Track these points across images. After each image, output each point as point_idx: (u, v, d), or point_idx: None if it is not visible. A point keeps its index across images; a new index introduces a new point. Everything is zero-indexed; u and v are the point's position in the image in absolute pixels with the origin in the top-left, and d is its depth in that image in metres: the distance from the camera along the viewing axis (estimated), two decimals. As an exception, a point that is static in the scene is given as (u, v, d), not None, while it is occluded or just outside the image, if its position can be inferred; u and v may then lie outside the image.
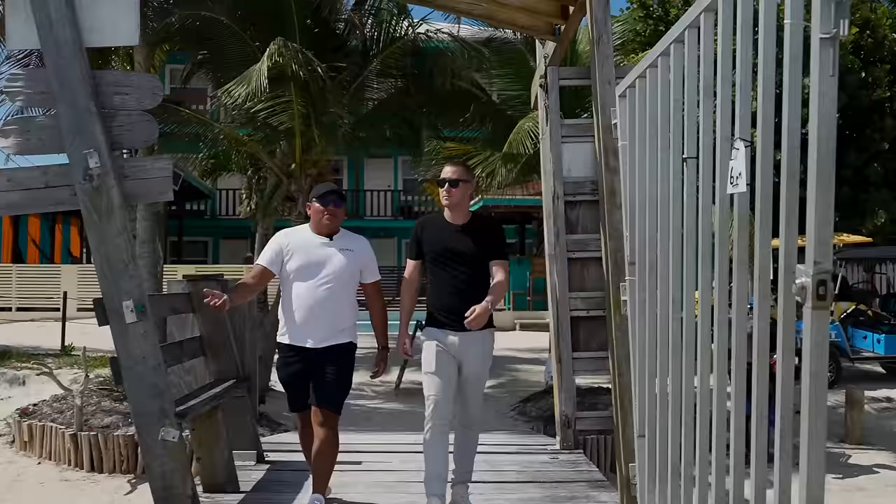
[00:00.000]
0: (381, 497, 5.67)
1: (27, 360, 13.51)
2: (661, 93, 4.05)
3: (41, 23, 4.81)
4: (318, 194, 5.38)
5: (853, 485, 9.23)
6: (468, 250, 5.27)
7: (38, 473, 9.22)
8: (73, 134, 4.78)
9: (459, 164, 5.61)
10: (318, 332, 5.20)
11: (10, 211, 5.00)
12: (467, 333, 5.15)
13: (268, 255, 5.39)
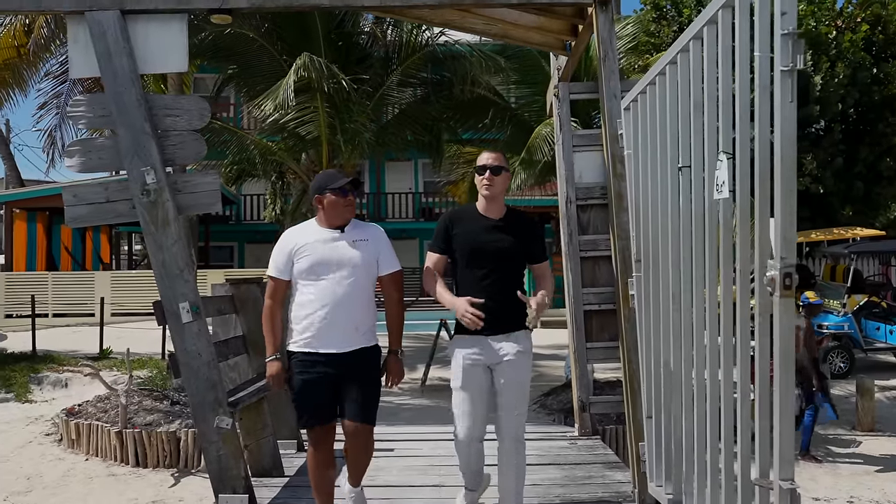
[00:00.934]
0: (413, 479, 6.13)
1: (69, 364, 14.05)
2: (659, 108, 4.52)
3: (101, 53, 5.34)
4: (330, 184, 4.75)
5: (863, 469, 9.57)
6: (505, 248, 4.73)
7: (87, 469, 9.66)
8: (131, 153, 5.30)
9: (499, 152, 4.95)
10: (340, 336, 4.62)
11: (76, 223, 5.48)
12: (500, 337, 4.66)
13: (279, 262, 4.77)
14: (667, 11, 21.18)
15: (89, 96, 5.63)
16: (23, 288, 21.13)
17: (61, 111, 12.83)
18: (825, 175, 18.36)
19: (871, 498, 8.71)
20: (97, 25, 5.33)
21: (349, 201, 4.76)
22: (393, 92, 12.40)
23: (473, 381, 4.69)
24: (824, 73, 18.03)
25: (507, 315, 4.68)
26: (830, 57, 18.45)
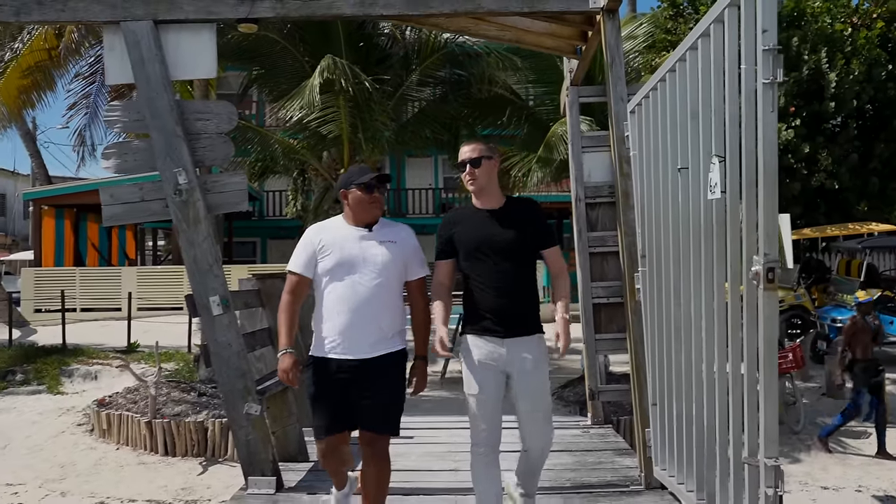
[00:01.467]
0: (432, 463, 6.44)
1: (98, 357, 14.44)
2: (660, 112, 4.79)
3: (135, 61, 5.66)
4: (357, 179, 4.54)
5: (872, 459, 9.82)
6: (508, 238, 4.45)
7: (118, 458, 10.05)
8: (164, 155, 5.63)
9: (476, 141, 4.67)
10: (366, 340, 4.38)
11: (113, 222, 5.81)
12: (514, 340, 4.41)
13: (302, 258, 4.55)
14: (683, 9, 21.27)
15: (124, 102, 5.97)
16: (51, 283, 21.59)
17: (90, 111, 13.18)
18: (840, 171, 18.44)
19: (878, 487, 8.93)
20: (132, 35, 5.65)
21: (375, 198, 4.52)
22: (412, 91, 12.67)
23: (486, 384, 4.42)
24: (839, 70, 18.12)
25: (519, 314, 4.46)
26: (846, 54, 18.52)
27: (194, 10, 5.69)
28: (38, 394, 13.06)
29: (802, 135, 18.19)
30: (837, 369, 10.80)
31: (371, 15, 5.75)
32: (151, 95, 5.63)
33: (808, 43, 18.43)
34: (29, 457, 10.18)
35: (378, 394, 4.39)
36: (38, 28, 10.29)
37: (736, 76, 3.54)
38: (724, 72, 3.63)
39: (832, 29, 18.75)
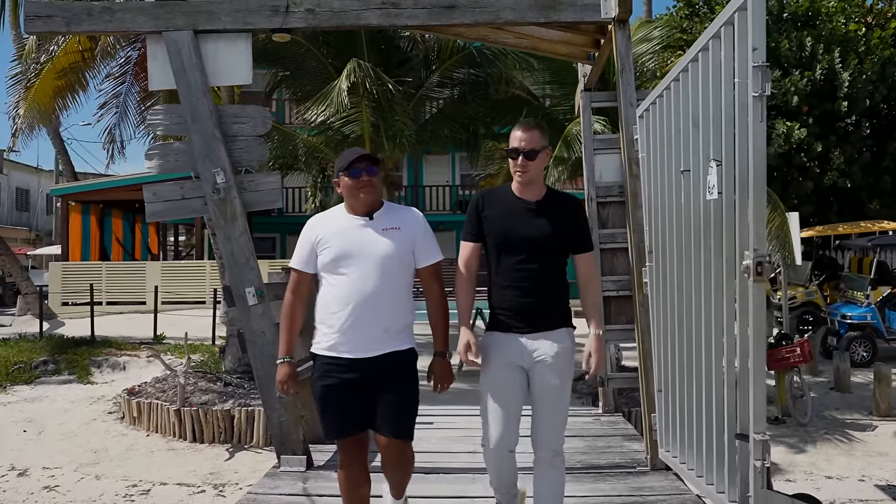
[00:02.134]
0: (451, 447, 6.85)
1: (126, 348, 14.90)
2: (666, 118, 5.15)
3: (177, 69, 6.07)
4: (344, 164, 4.20)
5: (875, 450, 10.07)
6: (544, 235, 4.16)
7: (148, 444, 10.43)
8: (204, 156, 6.04)
9: (534, 127, 4.25)
10: (367, 338, 4.08)
11: (155, 218, 6.20)
12: (538, 336, 4.14)
13: (301, 253, 4.30)
14: (699, 8, 21.58)
15: (166, 106, 6.37)
16: (78, 277, 22.11)
17: (120, 110, 13.59)
18: (853, 169, 18.71)
19: (881, 477, 9.22)
20: (173, 44, 6.06)
21: (364, 182, 4.15)
22: (432, 92, 13.04)
23: (505, 383, 4.16)
24: (853, 69, 18.39)
25: (546, 311, 4.19)
26: (859, 54, 18.78)
27: (231, 21, 6.09)
28: (69, 383, 13.50)
29: (815, 133, 18.49)
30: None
31: (396, 25, 6.14)
32: (192, 101, 6.04)
33: (821, 43, 18.71)
34: (63, 442, 10.58)
35: (385, 398, 4.11)
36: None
37: (731, 88, 3.89)
38: (721, 84, 3.99)
39: (846, 28, 19.01)
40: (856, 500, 8.67)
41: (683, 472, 5.22)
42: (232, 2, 6.08)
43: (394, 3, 5.98)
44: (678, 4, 21.89)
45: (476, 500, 5.43)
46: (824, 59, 18.50)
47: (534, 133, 4.20)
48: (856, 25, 19.20)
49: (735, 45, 3.76)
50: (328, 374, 4.14)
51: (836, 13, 19.54)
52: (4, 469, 9.62)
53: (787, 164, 18.95)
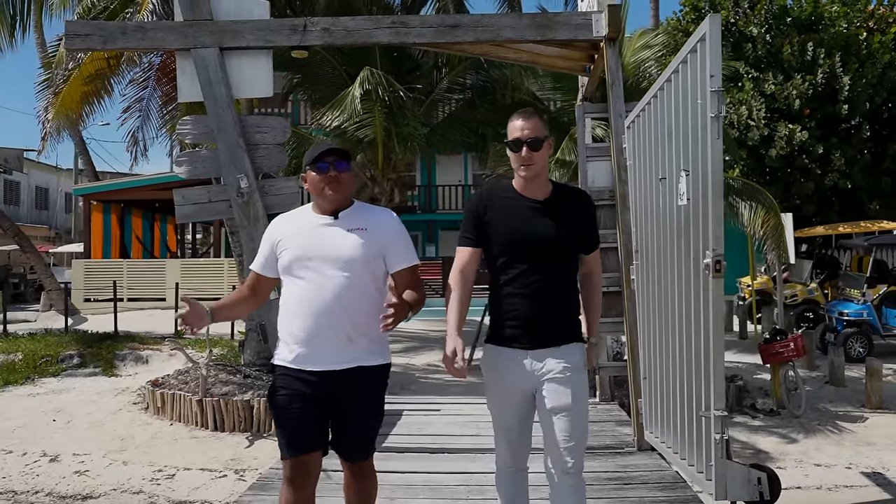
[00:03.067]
0: (455, 430, 7.40)
1: (148, 343, 15.50)
2: (647, 130, 5.69)
3: (204, 83, 6.64)
4: (311, 158, 3.79)
5: (864, 440, 10.49)
6: (552, 237, 3.73)
7: (172, 432, 10.91)
8: (229, 163, 6.61)
9: (534, 115, 3.86)
10: (329, 349, 3.70)
11: (185, 219, 6.77)
12: (544, 353, 3.72)
13: (262, 253, 3.98)
14: (705, 12, 22.02)
15: (194, 117, 6.94)
16: (100, 274, 22.77)
17: (143, 114, 14.17)
18: (853, 171, 19.18)
19: (867, 465, 9.67)
20: (200, 60, 6.64)
21: (331, 178, 3.74)
22: (442, 97, 13.57)
23: (511, 401, 3.79)
24: (853, 73, 18.84)
25: (553, 323, 3.76)
26: (860, 58, 19.23)
27: (254, 39, 6.66)
28: (94, 376, 14.04)
29: (817, 136, 18.97)
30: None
31: (405, 43, 6.71)
32: (218, 112, 6.62)
33: (823, 47, 19.16)
34: (91, 431, 11.11)
35: (355, 423, 3.80)
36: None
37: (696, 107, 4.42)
38: (689, 103, 4.53)
39: (848, 33, 19.46)
40: (841, 486, 9.14)
41: (664, 450, 5.76)
42: (255, 21, 6.65)
43: (403, 22, 6.54)
44: (684, 9, 22.36)
45: (476, 476, 5.99)
46: (825, 63, 18.96)
47: (535, 121, 3.78)
48: (857, 30, 19.64)
49: (698, 71, 4.29)
50: (285, 386, 3.76)
51: (838, 18, 19.98)
52: (37, 455, 10.15)
53: (789, 166, 19.46)
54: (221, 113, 6.60)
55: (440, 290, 22.88)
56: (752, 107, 19.42)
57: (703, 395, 4.46)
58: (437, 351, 16.23)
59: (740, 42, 20.71)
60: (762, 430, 10.72)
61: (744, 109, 19.50)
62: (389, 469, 5.98)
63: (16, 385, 13.52)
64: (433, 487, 5.73)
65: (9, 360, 14.45)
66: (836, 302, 16.44)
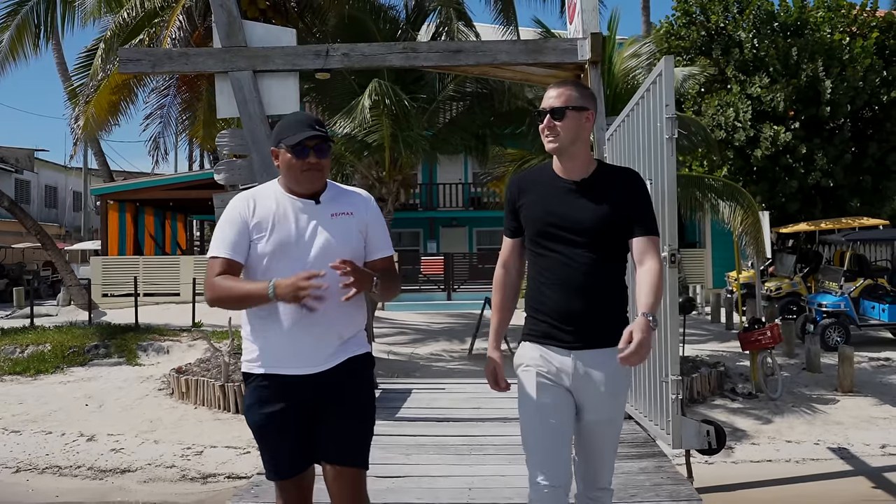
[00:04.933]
0: (459, 403, 8.43)
1: (168, 335, 16.49)
2: (622, 144, 6.68)
3: (240, 101, 7.62)
4: (290, 139, 3.32)
5: (833, 420, 11.39)
6: (592, 220, 3.33)
7: (196, 415, 11.86)
8: (262, 171, 7.58)
9: (569, 85, 3.44)
10: (316, 350, 3.33)
11: (223, 220, 7.75)
12: (587, 354, 3.33)
13: (229, 237, 3.38)
14: (696, 16, 22.92)
15: (231, 130, 7.93)
16: (117, 270, 23.79)
17: (164, 120, 15.08)
18: (835, 170, 20.14)
19: (834, 441, 10.58)
20: (237, 81, 7.61)
21: (310, 165, 3.33)
22: (444, 105, 14.45)
23: (550, 406, 3.36)
24: (835, 77, 19.81)
25: (598, 319, 3.37)
26: (843, 62, 20.18)
27: (283, 63, 7.64)
28: (119, 365, 14.98)
29: (800, 136, 19.94)
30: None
31: (415, 66, 7.70)
32: (252, 127, 7.60)
33: (807, 52, 20.12)
34: (122, 414, 12.06)
35: (341, 417, 3.39)
36: (128, 51, 12.19)
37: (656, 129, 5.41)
38: (652, 125, 5.52)
39: (831, 38, 20.41)
40: (808, 460, 10.08)
41: (638, 416, 6.75)
42: (283, 48, 7.63)
43: (413, 48, 7.54)
44: (676, 13, 23.25)
45: (477, 438, 7.02)
46: (809, 67, 19.91)
47: (567, 89, 3.38)
48: (840, 35, 20.58)
49: (658, 99, 5.28)
50: (265, 402, 3.34)
51: (823, 23, 20.91)
52: (75, 435, 11.13)
53: (774, 165, 20.42)
54: (255, 128, 7.57)
55: (441, 284, 23.94)
56: (738, 109, 20.37)
57: (663, 365, 5.44)
58: (440, 342, 17.13)
59: (729, 46, 21.63)
60: (740, 412, 11.58)
61: (731, 111, 20.45)
62: (404, 433, 7.02)
63: (46, 374, 14.48)
64: (441, 447, 6.75)
65: (39, 350, 15.40)
66: (816, 294, 17.39)
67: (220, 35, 7.60)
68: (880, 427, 11.08)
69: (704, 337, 17.72)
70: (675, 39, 22.76)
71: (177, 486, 9.58)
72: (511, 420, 6.90)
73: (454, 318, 19.79)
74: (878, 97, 20.24)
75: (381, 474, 5.10)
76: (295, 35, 7.74)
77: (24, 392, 13.29)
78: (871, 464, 9.85)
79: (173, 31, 11.48)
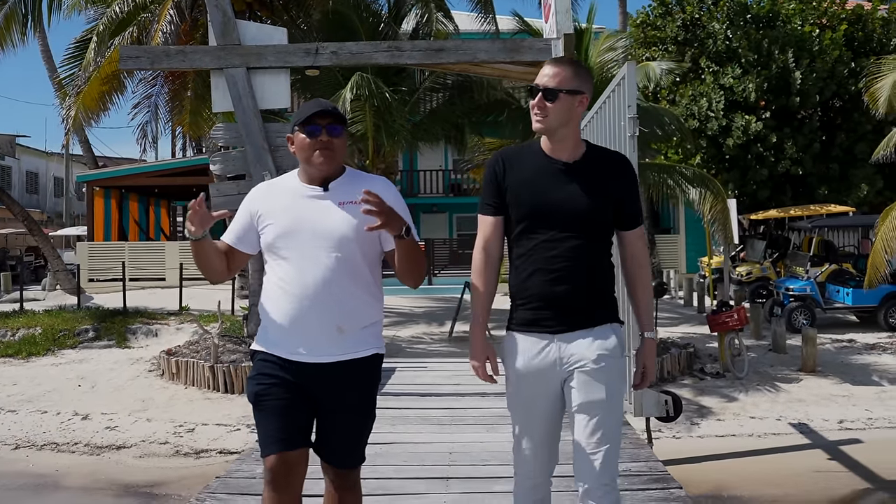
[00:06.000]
0: (441, 380, 9.00)
1: (157, 318, 16.91)
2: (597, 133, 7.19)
3: (234, 96, 8.08)
4: (300, 118, 3.32)
5: (795, 398, 11.95)
6: (581, 204, 3.22)
7: (187, 395, 12.24)
8: (255, 162, 8.06)
9: (567, 64, 3.28)
10: (317, 339, 3.30)
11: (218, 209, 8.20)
12: (575, 336, 3.23)
13: (234, 227, 3.51)
14: (672, 7, 23.48)
15: (226, 124, 8.39)
16: (103, 256, 24.20)
17: (151, 109, 15.46)
18: (805, 158, 20.81)
19: (794, 417, 11.12)
20: (231, 77, 8.07)
21: (322, 143, 3.29)
22: (425, 96, 15.00)
23: (536, 396, 3.29)
24: (805, 68, 20.44)
25: (584, 302, 3.24)
26: (812, 53, 20.81)
27: (275, 60, 8.10)
28: (109, 348, 15.34)
29: (771, 126, 20.59)
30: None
31: (399, 63, 8.18)
32: (246, 120, 8.06)
33: (777, 44, 20.74)
34: (115, 394, 12.41)
35: (338, 421, 3.39)
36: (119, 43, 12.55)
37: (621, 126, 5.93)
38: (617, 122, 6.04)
39: (801, 30, 21.02)
40: (769, 434, 10.62)
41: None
42: (275, 46, 8.10)
43: (397, 47, 8.02)
44: (653, 4, 23.78)
45: (458, 410, 7.57)
46: (779, 58, 20.53)
47: (564, 69, 3.22)
48: (810, 27, 21.19)
49: (622, 100, 5.81)
50: (267, 374, 3.36)
51: (794, 15, 21.52)
52: (70, 414, 11.53)
53: (746, 154, 21.06)
54: (249, 121, 8.03)
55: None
56: (711, 99, 20.97)
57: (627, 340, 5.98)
58: (421, 325, 17.58)
59: (703, 38, 22.20)
60: (708, 390, 12.10)
61: (704, 101, 21.04)
62: (390, 405, 7.55)
63: (38, 356, 14.82)
64: (424, 418, 7.29)
65: (30, 333, 15.73)
66: (784, 279, 18.03)
67: (216, 33, 8.05)
68: (839, 404, 11.64)
69: (676, 320, 18.26)
70: (651, 30, 23.29)
71: (171, 460, 10.00)
72: (489, 395, 7.48)
73: (435, 302, 20.23)
74: (846, 88, 20.88)
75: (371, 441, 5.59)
76: (286, 34, 8.20)
77: (18, 374, 13.66)
78: (828, 438, 10.38)
79: (164, 24, 11.86)
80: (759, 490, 8.86)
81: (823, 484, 9.05)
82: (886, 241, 12.87)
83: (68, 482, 9.41)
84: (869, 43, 21.85)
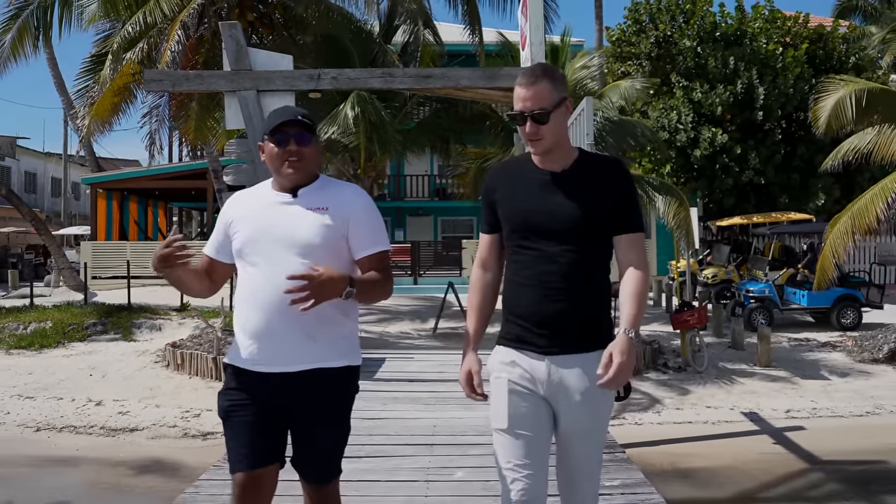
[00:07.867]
0: (427, 368, 10.15)
1: (160, 313, 17.88)
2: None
3: (245, 116, 9.18)
4: (269, 127, 3.32)
5: (749, 390, 12.91)
6: (571, 215, 3.04)
7: (192, 384, 13.07)
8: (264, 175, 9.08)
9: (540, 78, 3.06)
10: (285, 347, 3.20)
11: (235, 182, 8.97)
12: (566, 359, 3.04)
13: (213, 237, 3.48)
14: (645, 25, 24.67)
15: (237, 140, 9.49)
16: (106, 254, 25.20)
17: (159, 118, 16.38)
18: (767, 168, 22.03)
19: (746, 407, 11.99)
20: (243, 99, 9.18)
21: (290, 153, 3.25)
22: (414, 109, 16.08)
23: (525, 417, 3.10)
24: (768, 84, 21.70)
25: (577, 322, 3.08)
26: (776, 70, 22.05)
27: (282, 84, 9.21)
28: (116, 341, 16.19)
29: (736, 138, 21.84)
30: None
31: (392, 88, 9.32)
32: (255, 137, 9.13)
33: (743, 61, 21.99)
34: (124, 383, 13.22)
35: (313, 435, 3.30)
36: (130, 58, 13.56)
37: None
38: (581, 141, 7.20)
39: (766, 49, 22.25)
40: (722, 422, 11.51)
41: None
42: (282, 71, 9.21)
43: (390, 73, 9.16)
44: (627, 21, 24.94)
45: (443, 393, 8.72)
46: (745, 75, 21.77)
47: (540, 87, 3.06)
48: (774, 45, 22.41)
49: (582, 130, 6.97)
50: (235, 388, 3.30)
51: (759, 33, 22.74)
52: (84, 400, 12.33)
53: (712, 164, 22.27)
54: (258, 138, 9.08)
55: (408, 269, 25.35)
56: (681, 112, 22.17)
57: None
58: (407, 322, 18.47)
59: (674, 54, 23.40)
60: (670, 382, 13.04)
61: (674, 114, 22.24)
62: (381, 389, 8.70)
63: (49, 348, 15.60)
64: (412, 399, 8.49)
65: (41, 327, 16.50)
66: (745, 281, 19.22)
67: (230, 60, 9.14)
68: (787, 395, 12.64)
69: (646, 319, 18.96)
70: (626, 46, 24.46)
71: (180, 441, 10.83)
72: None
73: (420, 301, 21.12)
74: (807, 103, 21.93)
75: (365, 417, 6.66)
76: (292, 61, 9.29)
77: (32, 364, 14.49)
78: (775, 425, 11.31)
79: (172, 44, 12.87)
80: (708, 467, 9.87)
81: (765, 464, 9.97)
82: (834, 247, 13.86)
83: (90, 459, 10.19)
84: (829, 61, 23.07)
